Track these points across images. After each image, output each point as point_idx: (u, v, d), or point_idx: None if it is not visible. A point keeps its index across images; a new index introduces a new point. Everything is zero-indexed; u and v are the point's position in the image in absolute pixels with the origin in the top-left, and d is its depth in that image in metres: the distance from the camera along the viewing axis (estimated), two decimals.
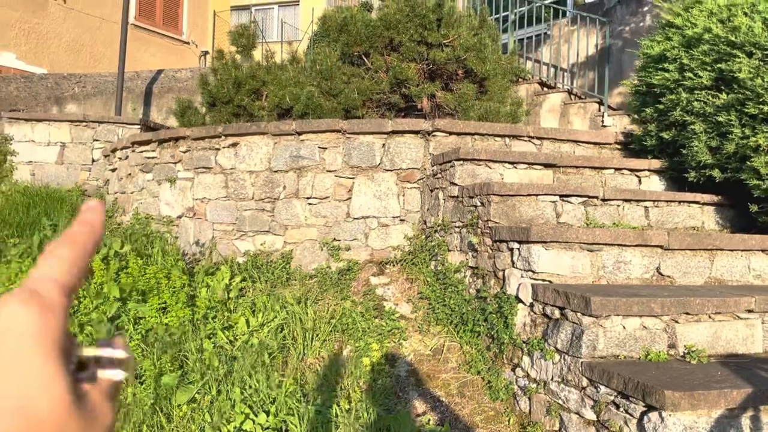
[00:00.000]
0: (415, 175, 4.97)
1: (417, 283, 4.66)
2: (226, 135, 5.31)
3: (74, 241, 0.40)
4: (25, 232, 5.45)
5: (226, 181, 5.38)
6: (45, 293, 0.36)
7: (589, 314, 2.96)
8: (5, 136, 7.58)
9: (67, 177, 7.45)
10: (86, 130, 7.60)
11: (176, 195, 5.69)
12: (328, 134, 5.04)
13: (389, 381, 3.72)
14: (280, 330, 4.16)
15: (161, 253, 4.95)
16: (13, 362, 0.32)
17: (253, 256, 5.18)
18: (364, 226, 5.04)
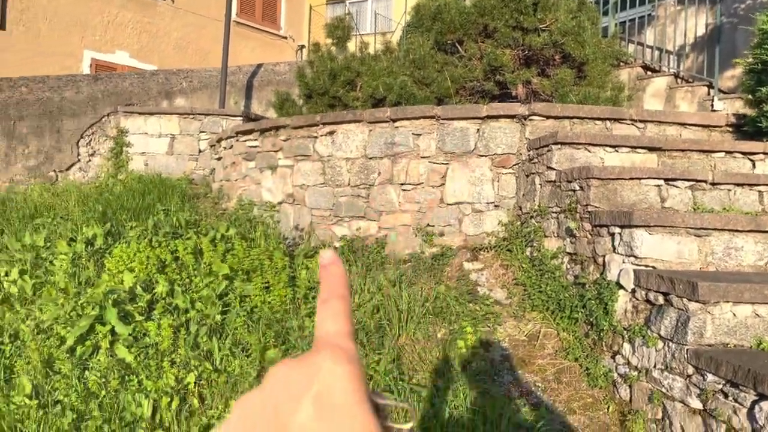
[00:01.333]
0: (511, 160, 4.91)
1: (512, 269, 4.62)
2: (323, 123, 5.48)
3: (341, 295, 0.44)
4: (141, 216, 5.87)
5: (323, 168, 5.56)
6: (347, 347, 0.40)
7: (696, 300, 2.84)
8: (121, 129, 8.17)
9: (176, 166, 7.94)
10: (193, 122, 8.05)
11: (277, 182, 5.93)
12: (422, 120, 5.08)
13: (484, 364, 3.73)
14: (376, 311, 4.26)
15: (263, 237, 5.19)
16: (340, 407, 0.36)
17: (349, 240, 5.33)
18: (457, 212, 5.05)
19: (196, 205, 6.66)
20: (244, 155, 6.34)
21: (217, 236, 5.13)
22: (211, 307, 4.16)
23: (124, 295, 4.09)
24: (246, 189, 6.31)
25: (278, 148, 5.90)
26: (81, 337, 3.78)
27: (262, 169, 6.10)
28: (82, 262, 4.84)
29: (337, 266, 0.47)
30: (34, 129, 7.72)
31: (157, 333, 3.83)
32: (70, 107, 7.96)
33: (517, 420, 3.21)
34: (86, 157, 8.12)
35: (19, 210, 6.14)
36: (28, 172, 7.67)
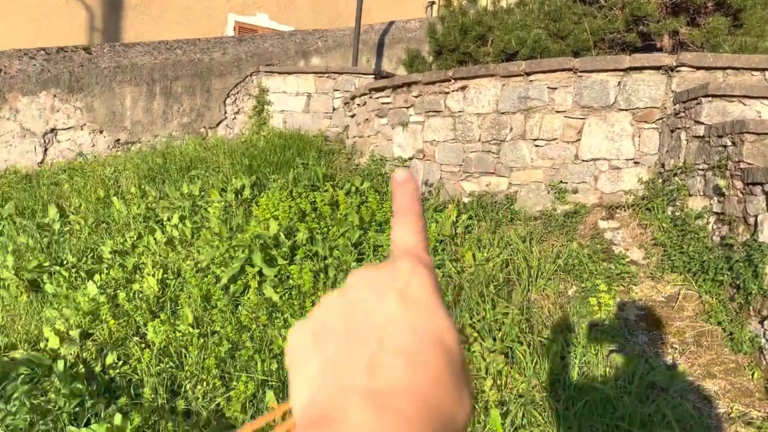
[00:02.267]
0: (654, 114, 4.66)
1: (650, 228, 4.43)
2: (455, 79, 5.48)
3: (416, 212, 0.45)
4: (282, 169, 6.26)
5: (453, 123, 5.58)
6: (423, 257, 0.41)
7: None
8: (263, 88, 8.66)
9: (312, 124, 8.30)
10: (328, 81, 8.34)
11: (407, 138, 6.05)
12: (558, 73, 4.93)
13: (617, 323, 3.66)
14: (505, 266, 4.29)
15: None
16: (423, 303, 0.38)
17: (478, 196, 5.35)
18: (593, 168, 4.90)
19: (331, 161, 6.96)
20: (377, 112, 6.51)
21: (352, 189, 5.37)
22: (347, 255, 4.40)
23: (269, 241, 4.44)
24: (378, 145, 6.50)
25: (410, 104, 6.00)
26: (233, 277, 4.17)
27: (394, 125, 6.24)
28: (232, 209, 5.28)
29: (411, 184, 0.47)
30: (186, 88, 8.39)
31: (299, 276, 4.13)
32: (218, 67, 8.54)
33: (652, 379, 3.15)
34: (232, 114, 8.72)
35: (176, 163, 6.76)
36: (182, 128, 8.38)
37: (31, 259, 4.87)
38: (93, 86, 7.80)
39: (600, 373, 3.16)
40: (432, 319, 0.37)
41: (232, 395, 3.27)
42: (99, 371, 3.47)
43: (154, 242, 4.93)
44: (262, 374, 3.38)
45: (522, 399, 3.08)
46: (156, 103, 8.28)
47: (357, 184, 5.43)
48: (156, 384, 3.36)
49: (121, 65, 7.97)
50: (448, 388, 0.35)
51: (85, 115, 7.80)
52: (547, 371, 3.27)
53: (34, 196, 6.40)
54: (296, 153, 6.74)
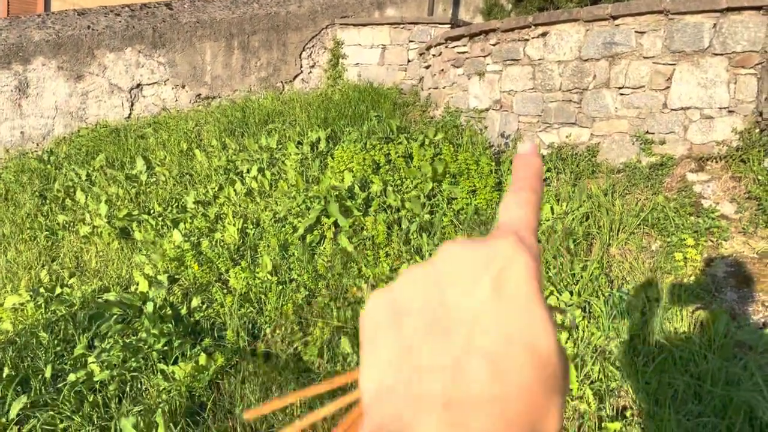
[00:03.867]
0: (752, 59, 4.31)
1: (744, 181, 4.16)
2: (535, 25, 5.26)
3: (533, 188, 0.41)
4: (356, 122, 6.27)
5: (533, 72, 5.38)
6: (529, 240, 0.37)
7: None
8: (338, 41, 8.63)
9: (386, 76, 8.24)
10: (402, 32, 8.21)
11: (484, 88, 5.90)
12: (647, 16, 4.63)
13: (704, 279, 3.50)
14: (585, 219, 4.16)
15: (470, 143, 5.26)
16: (520, 295, 0.33)
17: (557, 148, 5.18)
18: (682, 117, 4.62)
19: (406, 113, 6.91)
20: (452, 62, 6.36)
21: (426, 141, 5.32)
22: (420, 207, 4.39)
23: (344, 193, 4.48)
24: (453, 96, 6.38)
25: (487, 53, 5.82)
26: (310, 227, 4.26)
27: (470, 75, 6.09)
28: (308, 162, 5.37)
29: (535, 158, 0.43)
30: (263, 42, 8.49)
31: (373, 227, 4.17)
32: (294, 21, 8.57)
33: (740, 337, 3.00)
34: (307, 68, 8.77)
35: (255, 116, 6.91)
36: (260, 82, 8.53)
37: (121, 208, 5.15)
38: (175, 41, 8.03)
39: (683, 330, 3.05)
40: (527, 317, 0.33)
41: (308, 340, 3.38)
42: (185, 314, 3.66)
43: (234, 193, 5.09)
44: (337, 321, 3.47)
45: (599, 353, 3.01)
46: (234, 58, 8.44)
47: (431, 135, 5.37)
48: (238, 327, 3.52)
49: (200, 20, 8.14)
50: (536, 401, 0.31)
51: (167, 70, 8.07)
52: (626, 326, 3.18)
53: (123, 148, 6.73)
54: (370, 106, 6.72)
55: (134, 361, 3.17)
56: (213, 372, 3.20)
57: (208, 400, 2.99)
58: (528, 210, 0.39)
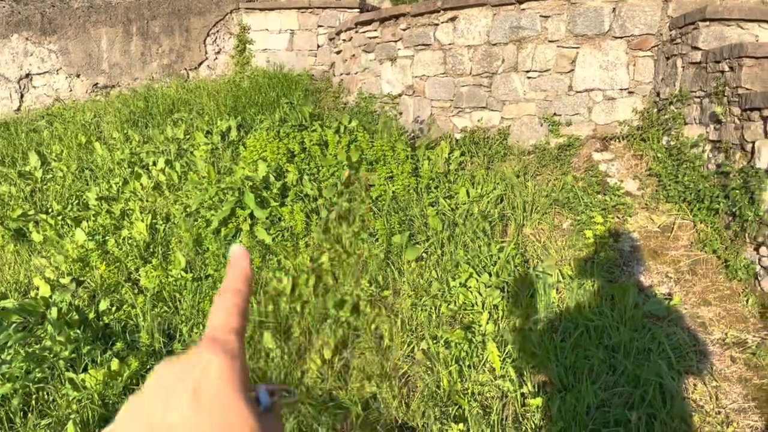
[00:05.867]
0: (649, 41, 4.52)
1: (645, 159, 4.38)
2: (444, 9, 5.28)
3: (237, 290, 0.46)
4: (268, 110, 6.10)
5: (444, 57, 5.42)
6: (226, 341, 0.42)
7: None
8: (244, 26, 8.34)
9: (296, 62, 8.05)
10: (311, 16, 8.05)
11: (396, 73, 5.88)
12: (550, 1, 4.75)
13: (612, 254, 3.65)
14: (500, 201, 4.24)
15: (385, 129, 5.23)
16: (215, 399, 0.38)
17: (470, 132, 5.25)
18: (587, 99, 4.79)
19: (318, 99, 6.79)
20: (364, 47, 6.30)
21: (341, 128, 5.24)
22: (338, 195, 4.33)
23: (259, 183, 4.34)
24: (366, 82, 6.32)
25: (398, 37, 5.80)
26: (224, 220, 4.10)
27: (382, 60, 6.05)
28: (218, 152, 5.16)
29: (243, 260, 0.48)
30: (164, 28, 8.08)
31: (291, 217, 4.07)
32: (196, 5, 8.20)
33: (647, 308, 3.16)
34: (213, 55, 8.43)
35: (159, 106, 6.57)
36: (162, 70, 8.11)
37: (15, 207, 4.76)
38: (66, 28, 7.48)
39: (596, 304, 3.17)
40: (224, 416, 0.37)
41: None
42: (93, 318, 3.43)
43: (141, 188, 4.83)
44: (258, 315, 3.36)
45: (518, 332, 3.08)
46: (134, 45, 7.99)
47: (345, 122, 5.30)
48: (152, 328, 3.34)
49: (94, 5, 7.63)
50: None
51: (60, 58, 7.52)
52: (543, 304, 3.27)
53: (14, 144, 6.23)
54: (281, 93, 6.55)
55: (39, 371, 2.94)
56: (127, 377, 3.02)
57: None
58: (229, 312, 0.44)
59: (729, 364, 2.85)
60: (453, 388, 2.80)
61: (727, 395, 2.67)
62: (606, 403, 2.61)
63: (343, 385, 2.96)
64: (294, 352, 3.19)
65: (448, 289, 3.44)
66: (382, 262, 3.73)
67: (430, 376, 2.89)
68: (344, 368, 3.10)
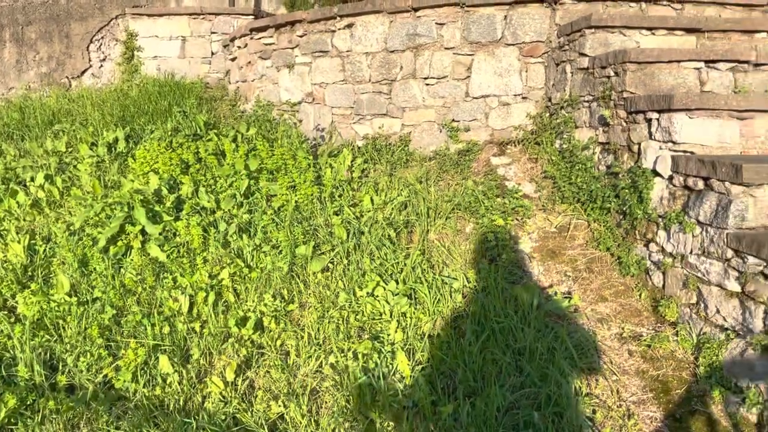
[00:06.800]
0: (540, 48, 4.69)
1: (540, 162, 4.52)
2: (341, 16, 5.23)
3: None
4: (159, 120, 5.78)
5: (342, 64, 5.36)
6: None
7: (739, 183, 2.75)
8: (131, 33, 7.92)
9: (189, 70, 7.73)
10: (204, 23, 7.76)
11: (295, 80, 5.76)
12: (445, 8, 4.82)
13: (514, 255, 3.72)
14: (404, 207, 4.23)
15: (285, 137, 5.10)
16: None
17: (372, 139, 5.22)
18: (483, 105, 4.90)
19: (214, 108, 6.54)
20: (260, 53, 6.13)
21: (238, 137, 5.05)
22: (237, 207, 4.15)
23: (151, 196, 4.09)
24: (263, 89, 6.16)
25: (295, 44, 5.68)
26: (113, 238, 3.81)
27: (279, 67, 5.91)
28: (105, 165, 4.82)
29: None
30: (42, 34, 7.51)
31: (187, 232, 3.85)
32: (77, 10, 7.69)
33: (549, 308, 3.23)
34: (97, 62, 7.94)
35: (37, 117, 6.07)
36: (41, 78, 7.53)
37: None
38: None
39: (501, 306, 3.20)
40: None
41: (120, 364, 3.01)
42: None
43: (17, 205, 4.41)
44: (153, 339, 3.14)
45: (427, 338, 3.06)
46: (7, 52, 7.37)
47: (243, 131, 5.11)
48: (32, 360, 3.03)
49: None
50: None
51: None
52: (449, 308, 3.27)
53: None
54: (174, 101, 6.25)
55: None
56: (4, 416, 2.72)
57: None
58: None
59: (627, 357, 2.96)
60: (363, 401, 2.72)
61: (627, 388, 2.76)
62: (515, 405, 2.63)
63: (248, 407, 2.81)
64: (194, 375, 2.99)
65: (355, 299, 3.37)
66: (287, 275, 3.60)
67: (339, 391, 2.80)
68: (249, 389, 2.95)
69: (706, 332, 2.91)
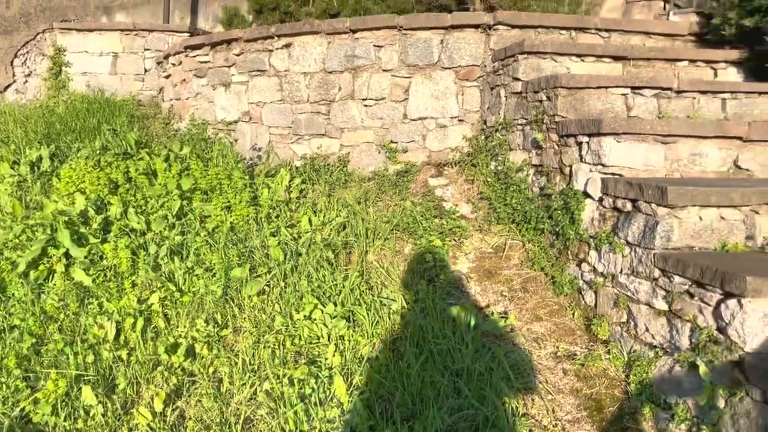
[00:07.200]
0: (475, 72, 4.79)
1: (477, 183, 4.59)
2: (279, 36, 5.19)
3: None
4: (87, 138, 5.56)
5: (280, 83, 5.31)
6: None
7: (665, 205, 2.86)
8: (59, 47, 7.62)
9: (120, 87, 7.50)
10: (137, 39, 7.56)
11: (231, 99, 5.67)
12: (383, 31, 4.87)
13: (452, 276, 3.74)
14: (342, 228, 4.19)
15: (220, 156, 4.99)
16: None
17: (310, 159, 5.18)
18: (421, 127, 4.94)
19: (146, 126, 6.35)
20: (195, 71, 6.01)
21: (171, 156, 4.91)
22: (169, 228, 4.01)
23: (76, 218, 3.90)
24: (198, 107, 6.02)
25: (231, 63, 5.60)
26: (33, 261, 3.61)
27: (215, 85, 5.80)
28: (27, 184, 4.58)
29: None
30: None
31: (114, 255, 3.69)
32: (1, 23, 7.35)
33: (486, 328, 3.25)
34: (22, 77, 7.59)
35: None
36: None
37: None
38: None
39: (439, 327, 3.20)
40: None
41: (39, 396, 2.82)
42: None
43: None
44: (76, 368, 2.96)
45: (366, 362, 3.02)
46: None
47: (176, 149, 4.97)
48: None
49: None
50: None
51: None
52: (388, 330, 3.24)
53: None
54: (103, 119, 6.03)
55: None
56: None
57: None
58: None
59: (562, 376, 3.00)
60: (299, 429, 2.64)
61: (562, 407, 2.80)
62: (453, 428, 2.61)
63: None
64: (119, 407, 2.83)
65: (292, 322, 3.29)
66: (220, 299, 3.49)
67: (274, 419, 2.71)
68: (179, 419, 2.82)
69: (636, 350, 2.98)
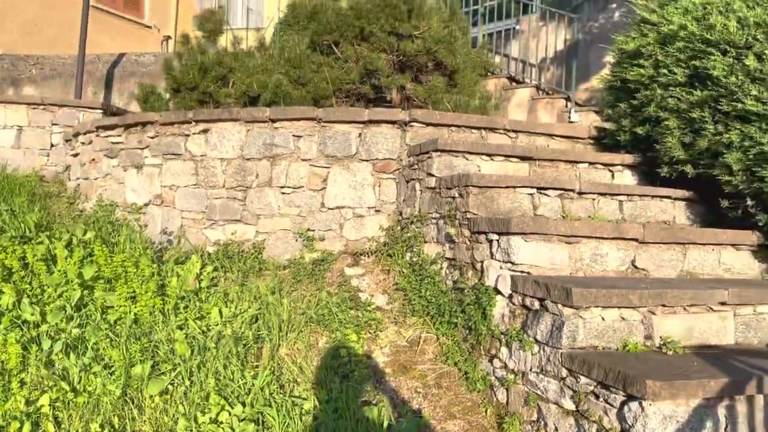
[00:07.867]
0: (392, 165, 4.93)
1: (392, 274, 4.63)
2: (196, 121, 5.17)
3: None
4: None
5: (196, 168, 5.24)
6: None
7: (570, 305, 2.98)
8: None
9: (24, 161, 7.15)
10: (45, 113, 7.30)
11: (143, 182, 5.52)
12: (303, 122, 4.96)
13: (366, 372, 3.69)
14: (255, 321, 4.08)
15: (128, 241, 4.79)
16: None
17: (224, 245, 5.07)
18: (338, 216, 4.98)
19: (48, 206, 6.03)
20: (106, 152, 5.83)
21: (74, 240, 4.66)
22: (66, 321, 3.76)
23: None
24: (107, 188, 5.81)
25: (145, 145, 5.49)
26: None
27: (127, 167, 5.64)
28: None
29: None
30: None
31: (3, 350, 3.39)
32: None
33: (400, 428, 3.20)
34: None
35: None
36: None
37: None
38: None
39: (352, 428, 3.12)
40: None
41: None
42: None
43: None
44: None
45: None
46: None
47: (80, 234, 4.73)
48: None
49: None
50: None
51: None
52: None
53: None
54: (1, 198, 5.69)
55: None
56: None
57: None
58: None
59: None
60: None
61: None
62: None
63: None
64: None
65: (196, 426, 3.11)
66: (119, 400, 3.25)
67: None
68: None
69: None
